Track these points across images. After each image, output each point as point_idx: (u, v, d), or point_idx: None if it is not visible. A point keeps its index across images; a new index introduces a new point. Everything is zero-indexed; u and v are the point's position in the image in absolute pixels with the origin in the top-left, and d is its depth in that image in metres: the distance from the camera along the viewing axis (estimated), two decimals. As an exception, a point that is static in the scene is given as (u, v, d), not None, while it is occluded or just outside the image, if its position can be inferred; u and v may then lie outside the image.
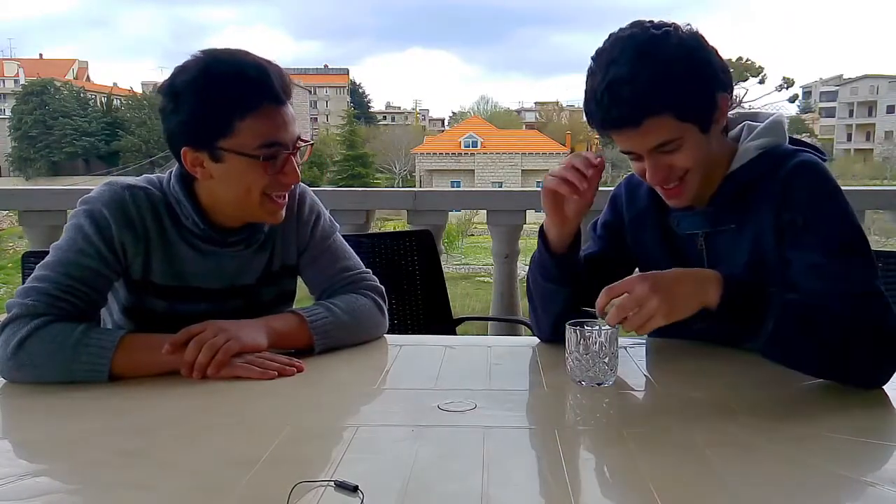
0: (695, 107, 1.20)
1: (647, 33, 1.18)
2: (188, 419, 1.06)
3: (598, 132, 1.24)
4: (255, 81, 1.24)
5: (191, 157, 1.27)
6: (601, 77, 1.17)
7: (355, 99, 72.27)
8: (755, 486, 0.83)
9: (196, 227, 1.34)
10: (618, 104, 1.16)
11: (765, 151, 1.28)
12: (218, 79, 1.24)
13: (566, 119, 69.32)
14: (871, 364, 1.15)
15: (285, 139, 1.28)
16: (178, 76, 1.25)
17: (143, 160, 47.73)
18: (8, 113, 53.22)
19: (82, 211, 1.30)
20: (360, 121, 57.92)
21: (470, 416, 1.05)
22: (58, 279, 1.24)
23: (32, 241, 2.88)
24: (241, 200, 1.31)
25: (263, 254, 1.45)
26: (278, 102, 1.27)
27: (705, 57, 1.20)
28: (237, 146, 1.25)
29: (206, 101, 1.24)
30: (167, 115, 1.27)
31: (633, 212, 1.46)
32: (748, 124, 1.34)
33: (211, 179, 1.29)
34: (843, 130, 59.70)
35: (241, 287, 1.43)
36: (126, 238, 1.29)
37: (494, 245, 3.07)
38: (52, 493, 0.83)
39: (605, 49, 1.20)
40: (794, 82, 16.32)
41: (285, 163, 1.29)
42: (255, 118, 1.24)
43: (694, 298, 1.14)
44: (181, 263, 1.36)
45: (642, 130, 1.18)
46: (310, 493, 0.79)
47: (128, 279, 1.35)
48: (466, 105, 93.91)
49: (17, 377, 1.20)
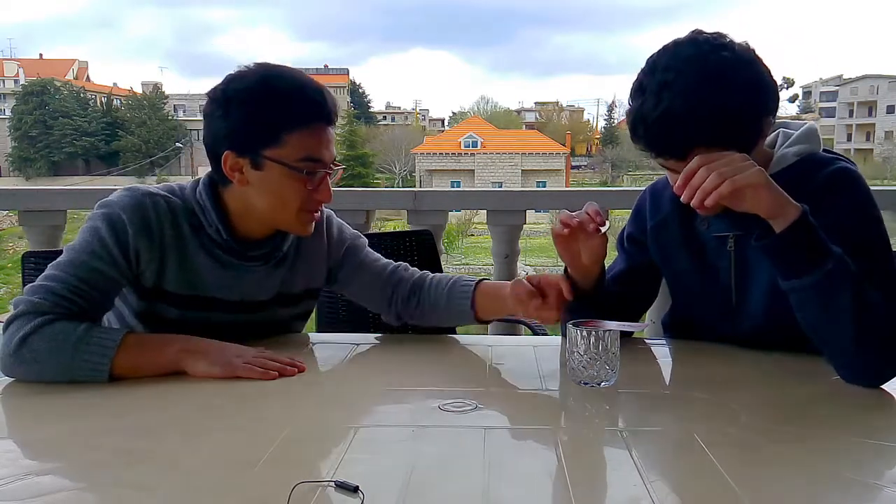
0: (742, 136, 1.17)
1: (706, 60, 1.13)
2: (189, 419, 1.06)
3: (637, 148, 1.22)
4: (312, 99, 1.30)
5: (231, 161, 1.30)
6: (654, 103, 1.14)
7: (355, 99, 72.24)
8: (756, 487, 0.83)
9: (219, 235, 1.36)
10: (669, 139, 1.15)
11: (802, 158, 1.28)
12: (276, 90, 1.29)
13: (566, 119, 69.34)
14: (888, 356, 1.15)
15: (326, 158, 1.33)
16: (232, 83, 1.29)
17: (143, 160, 47.69)
18: (8, 113, 53.18)
19: (100, 214, 1.30)
20: (360, 121, 57.85)
21: (470, 417, 1.05)
22: (66, 279, 1.24)
23: (32, 241, 2.88)
24: (275, 210, 1.34)
25: (280, 272, 1.46)
26: (328, 122, 1.32)
27: (762, 83, 1.17)
28: (281, 156, 1.29)
29: (261, 109, 1.28)
30: (214, 120, 1.30)
31: (657, 217, 1.44)
32: (783, 131, 1.33)
33: (247, 186, 1.32)
34: (843, 130, 59.70)
35: (253, 303, 1.43)
36: (141, 244, 1.30)
37: (494, 245, 3.06)
38: (52, 493, 0.83)
39: (659, 67, 1.16)
40: (794, 82, 16.37)
41: (321, 181, 1.33)
42: (305, 133, 1.29)
43: (780, 198, 1.11)
44: (197, 273, 1.37)
45: (688, 159, 1.15)
46: (310, 494, 0.79)
47: (138, 286, 1.35)
48: (466, 105, 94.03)
49: (19, 373, 1.20)
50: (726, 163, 1.10)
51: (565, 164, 44.18)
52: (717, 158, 1.11)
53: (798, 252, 1.13)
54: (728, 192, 1.08)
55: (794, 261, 1.13)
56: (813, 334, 1.19)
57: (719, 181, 1.08)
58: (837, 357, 1.18)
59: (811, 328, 1.18)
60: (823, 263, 1.11)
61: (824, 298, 1.13)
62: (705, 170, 1.10)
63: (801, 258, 1.13)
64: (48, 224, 2.85)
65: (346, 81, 72.13)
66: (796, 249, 1.12)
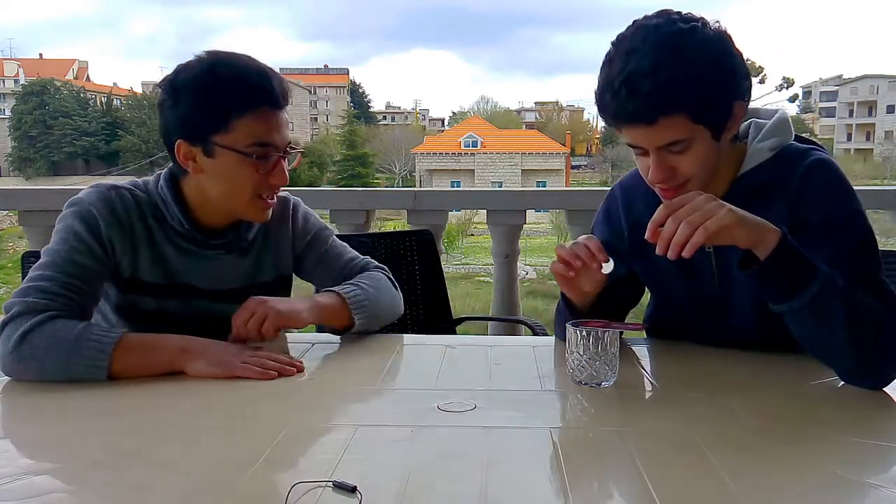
0: (711, 111, 1.16)
1: (673, 26, 1.13)
2: (187, 419, 1.06)
3: (608, 123, 1.20)
4: (257, 83, 1.30)
5: (184, 150, 1.32)
6: (620, 66, 1.13)
7: (355, 99, 72.28)
8: (755, 487, 0.83)
9: (181, 226, 1.38)
10: (635, 98, 1.12)
11: (777, 152, 1.27)
12: (221, 77, 1.29)
13: (566, 119, 69.37)
14: (887, 359, 1.15)
15: (278, 142, 1.33)
16: (181, 73, 1.31)
17: (143, 160, 47.70)
18: (8, 113, 53.24)
19: (70, 212, 1.33)
20: (360, 121, 57.88)
21: (470, 417, 1.05)
22: (54, 277, 1.25)
23: (32, 241, 2.88)
24: (229, 197, 1.35)
25: (248, 260, 1.48)
26: (276, 106, 1.32)
27: (730, 61, 1.16)
28: (231, 142, 1.30)
29: (207, 97, 1.29)
30: (165, 109, 1.32)
31: (632, 219, 1.42)
32: (755, 122, 1.31)
33: (201, 174, 1.34)
34: (843, 130, 59.69)
35: (227, 291, 1.44)
36: (114, 235, 1.33)
37: (494, 245, 3.06)
38: (51, 493, 0.83)
39: (627, 36, 1.15)
40: (794, 82, 16.31)
41: (275, 165, 1.34)
42: (252, 118, 1.30)
43: (755, 229, 1.10)
44: (167, 262, 1.39)
45: (655, 127, 1.14)
46: (308, 494, 0.79)
47: (117, 278, 1.37)
48: (466, 105, 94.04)
49: (19, 371, 1.20)
50: (692, 208, 1.09)
51: (565, 164, 44.20)
52: (681, 204, 1.11)
53: (784, 278, 1.12)
54: (702, 240, 1.08)
55: (782, 286, 1.13)
56: (810, 348, 1.20)
57: (690, 231, 1.08)
58: (837, 365, 1.18)
59: (807, 343, 1.19)
60: (810, 285, 1.11)
61: (816, 317, 1.13)
62: (673, 220, 1.09)
63: (788, 283, 1.12)
64: (48, 224, 2.81)
65: (346, 81, 72.12)
66: (782, 275, 1.12)
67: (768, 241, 1.10)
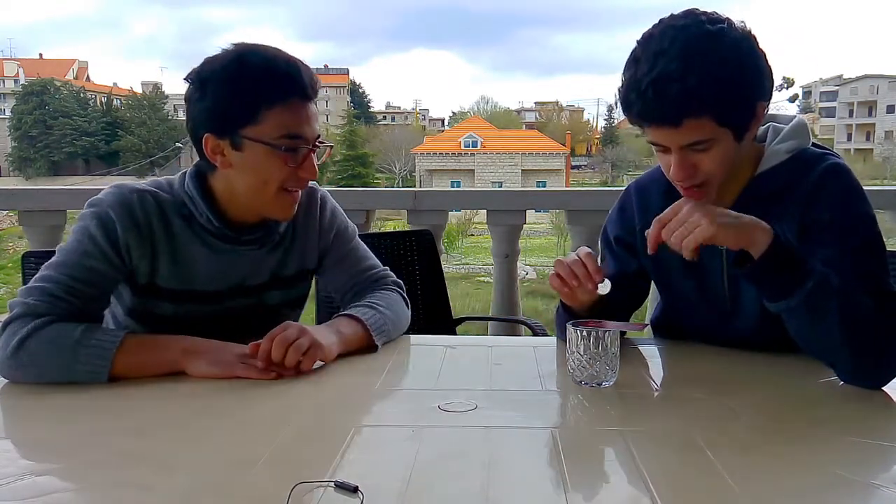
0: (736, 113, 1.17)
1: (701, 28, 1.13)
2: (188, 419, 1.06)
3: (631, 122, 1.20)
4: (286, 74, 1.27)
5: (212, 144, 1.28)
6: (647, 67, 1.12)
7: (355, 99, 72.22)
8: (756, 488, 0.83)
9: (210, 224, 1.34)
10: (662, 100, 1.12)
11: (794, 154, 1.28)
12: (249, 68, 1.26)
13: (566, 119, 69.34)
14: (885, 360, 1.15)
15: (307, 134, 1.29)
16: (207, 65, 1.27)
17: (143, 160, 47.72)
18: (8, 113, 53.22)
19: (89, 213, 1.30)
20: (360, 121, 57.83)
21: (470, 417, 1.05)
22: (60, 279, 1.24)
23: (32, 241, 2.88)
24: (258, 191, 1.31)
25: (275, 255, 1.45)
26: (305, 97, 1.29)
27: (755, 63, 1.16)
28: (260, 135, 1.26)
29: (235, 88, 1.25)
30: (193, 103, 1.28)
31: (646, 217, 1.40)
32: (773, 126, 1.33)
33: (230, 168, 1.30)
34: (843, 130, 59.69)
35: (249, 287, 1.42)
36: (131, 240, 1.29)
37: (494, 245, 3.06)
38: (52, 493, 0.83)
39: (655, 37, 1.15)
40: (794, 82, 16.37)
41: (304, 158, 1.30)
42: (281, 109, 1.26)
43: (743, 232, 1.14)
44: (190, 265, 1.36)
45: (680, 129, 1.15)
46: (310, 494, 0.79)
47: (133, 283, 1.35)
48: (466, 105, 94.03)
49: (18, 376, 1.20)
50: (679, 222, 1.15)
51: (565, 164, 44.19)
52: (669, 218, 1.16)
53: (777, 276, 1.15)
54: (687, 256, 1.13)
55: (776, 284, 1.16)
56: (807, 347, 1.21)
57: (678, 245, 1.15)
58: (836, 365, 1.19)
59: (804, 341, 1.20)
60: (804, 283, 1.13)
61: (811, 314, 1.15)
62: (665, 233, 1.16)
63: (782, 281, 1.15)
64: (48, 224, 2.85)
65: (346, 81, 72.10)
66: (775, 274, 1.15)
67: (759, 241, 1.13)
